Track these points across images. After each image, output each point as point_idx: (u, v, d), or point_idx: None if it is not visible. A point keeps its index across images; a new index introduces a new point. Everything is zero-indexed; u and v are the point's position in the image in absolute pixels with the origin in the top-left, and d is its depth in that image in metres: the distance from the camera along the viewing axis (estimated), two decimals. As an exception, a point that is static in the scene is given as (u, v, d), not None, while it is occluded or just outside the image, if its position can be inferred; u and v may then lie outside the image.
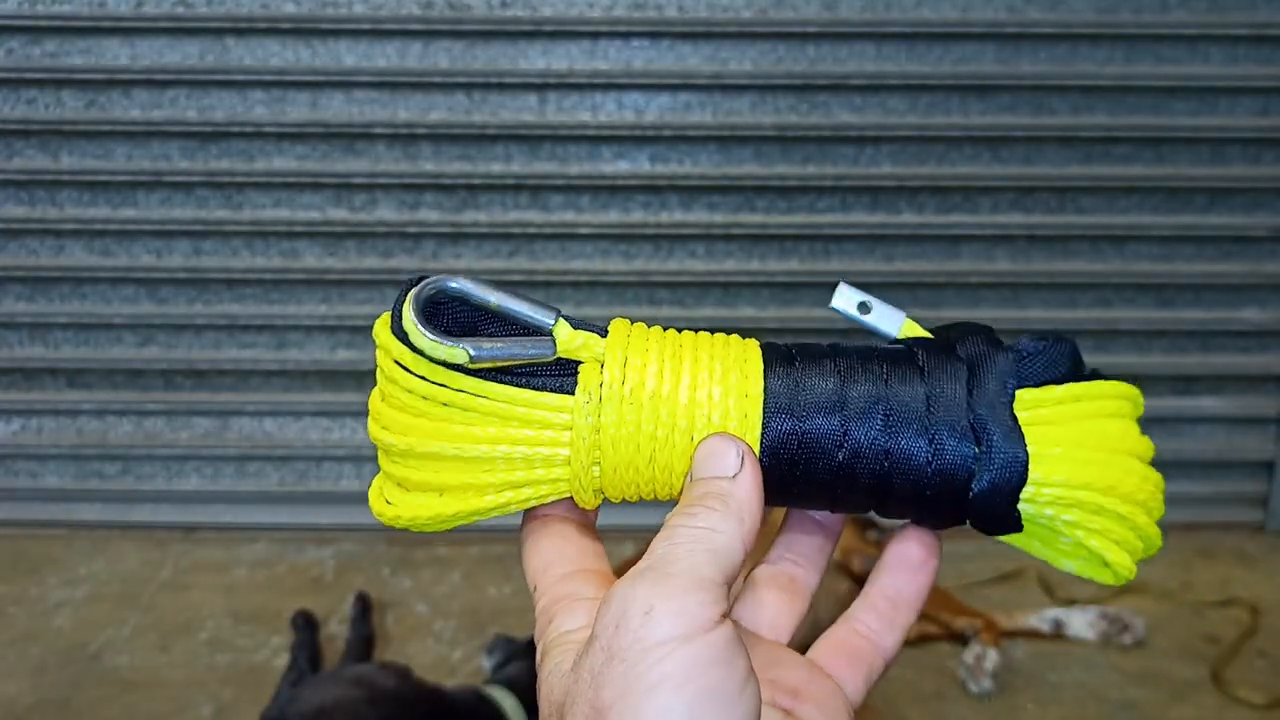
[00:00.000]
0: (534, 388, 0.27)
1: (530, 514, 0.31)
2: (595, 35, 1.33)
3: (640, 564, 0.25)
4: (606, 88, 1.35)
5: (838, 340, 0.30)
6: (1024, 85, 1.35)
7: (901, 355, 0.29)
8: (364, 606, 1.30)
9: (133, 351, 1.46)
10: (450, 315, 0.28)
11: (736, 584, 0.29)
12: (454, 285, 0.28)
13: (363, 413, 1.50)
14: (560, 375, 0.28)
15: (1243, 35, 1.33)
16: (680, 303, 1.44)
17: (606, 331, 0.28)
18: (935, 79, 1.35)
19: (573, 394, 0.27)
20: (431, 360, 0.27)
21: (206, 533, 1.50)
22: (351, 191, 1.40)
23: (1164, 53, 1.35)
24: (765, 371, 0.28)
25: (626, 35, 1.34)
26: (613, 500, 0.29)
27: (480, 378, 0.27)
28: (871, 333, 0.30)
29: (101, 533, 1.49)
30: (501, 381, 0.27)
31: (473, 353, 0.26)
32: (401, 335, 0.27)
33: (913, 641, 1.23)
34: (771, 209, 1.41)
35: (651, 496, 0.29)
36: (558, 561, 0.29)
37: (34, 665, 1.23)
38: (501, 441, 0.27)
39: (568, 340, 0.28)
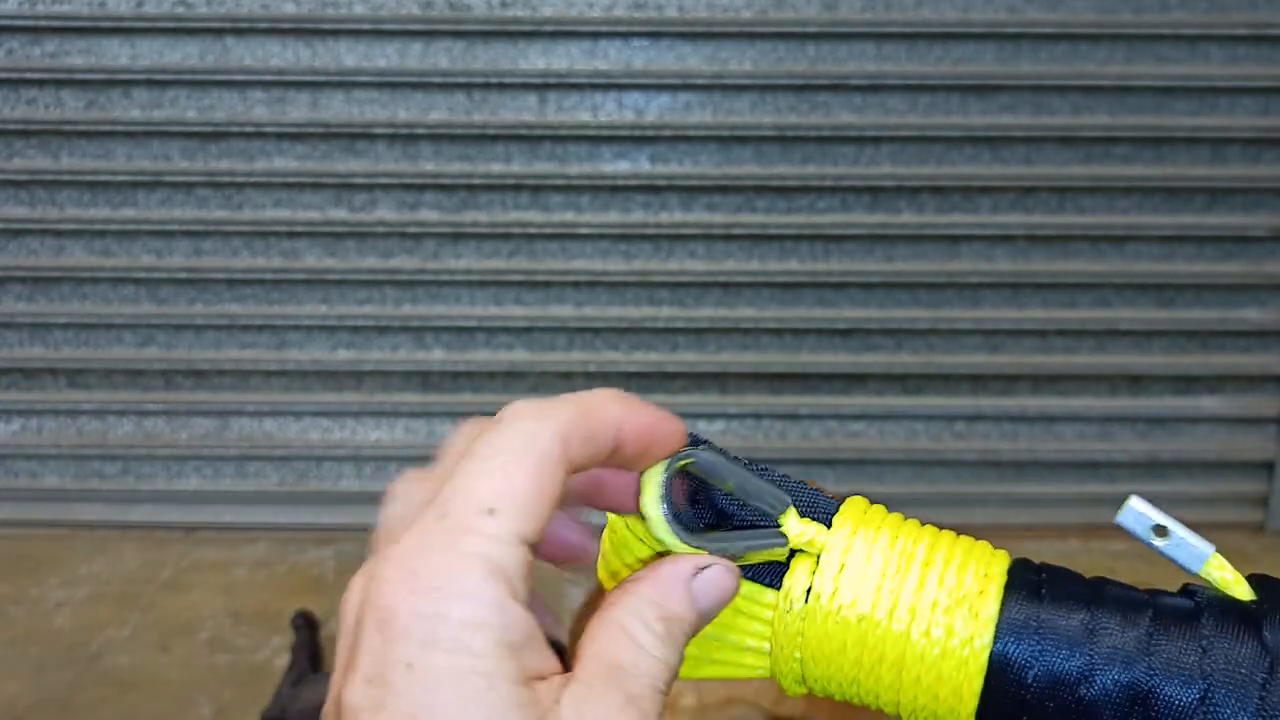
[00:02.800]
0: (745, 575, 0.26)
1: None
2: (595, 35, 1.33)
3: (619, 681, 0.22)
4: (607, 88, 1.35)
5: (1103, 576, 0.26)
6: (1024, 85, 1.35)
7: (1179, 614, 0.24)
8: (364, 606, 1.30)
9: (133, 351, 1.46)
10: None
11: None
12: (701, 458, 0.26)
13: (362, 413, 1.50)
14: (774, 564, 0.26)
15: (1243, 35, 1.33)
16: (680, 303, 1.44)
17: (831, 520, 0.26)
18: (935, 79, 1.35)
19: (778, 589, 0.25)
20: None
21: (207, 533, 1.50)
22: (351, 191, 1.40)
23: (1164, 52, 1.35)
24: (1005, 600, 0.24)
25: (626, 35, 1.34)
26: (818, 695, 0.27)
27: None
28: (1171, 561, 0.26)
29: (102, 533, 1.49)
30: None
31: (722, 552, 0.25)
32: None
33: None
34: (771, 209, 1.41)
35: (859, 703, 0.26)
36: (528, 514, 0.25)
37: (34, 665, 1.23)
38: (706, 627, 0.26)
39: (795, 536, 0.25)
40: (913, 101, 1.36)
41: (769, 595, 0.26)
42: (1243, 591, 0.25)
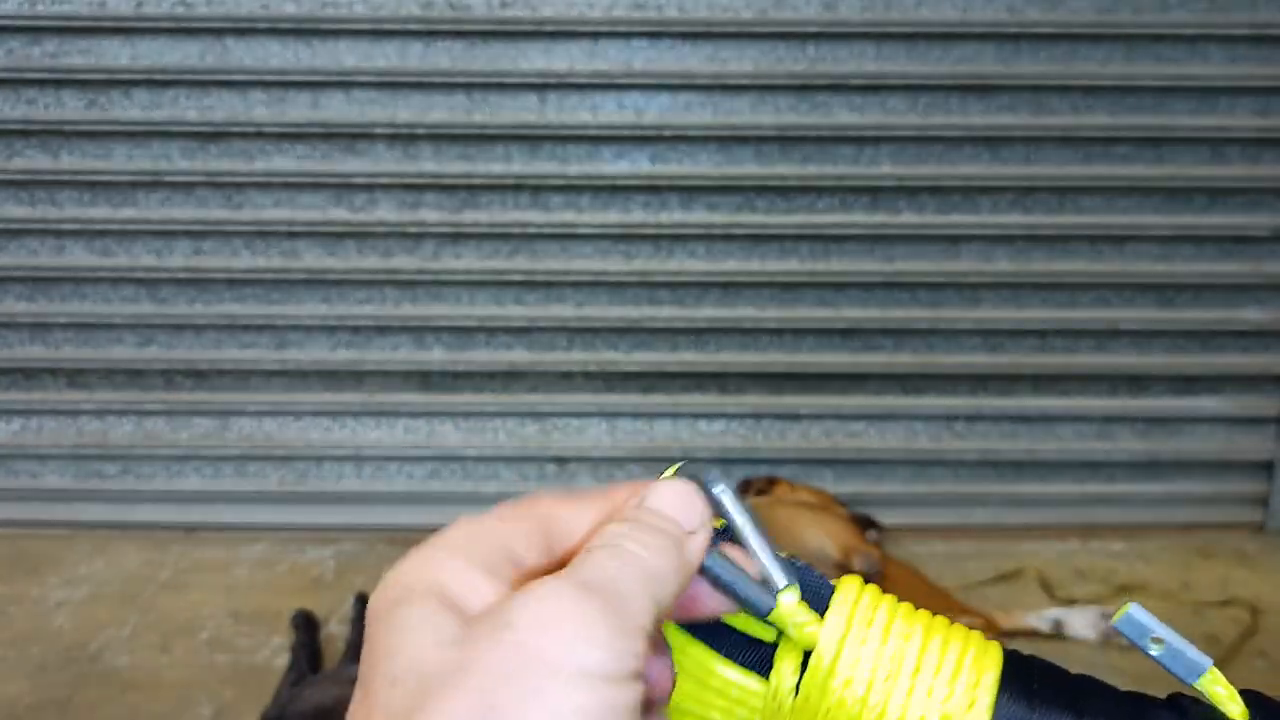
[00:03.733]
0: (731, 655, 0.26)
1: None
2: (595, 35, 1.34)
3: (580, 572, 0.22)
4: (607, 88, 1.35)
5: (1090, 675, 0.26)
6: (1024, 85, 1.35)
7: None
8: (364, 606, 1.30)
9: (133, 351, 1.46)
10: None
11: None
12: (707, 483, 0.25)
13: (362, 413, 1.50)
14: (763, 646, 0.25)
15: (1242, 35, 1.34)
16: (680, 303, 1.44)
17: (824, 609, 0.25)
18: (935, 79, 1.35)
19: (766, 675, 0.25)
20: None
21: (207, 533, 1.50)
22: (352, 191, 1.40)
23: (1164, 52, 1.35)
24: (997, 699, 0.24)
25: (627, 35, 1.34)
26: None
27: (686, 632, 0.26)
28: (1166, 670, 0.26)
29: (102, 533, 1.49)
30: (703, 639, 0.26)
31: (709, 570, 0.24)
32: None
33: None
34: (771, 209, 1.41)
35: None
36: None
37: (34, 665, 1.23)
38: (693, 702, 0.26)
39: (790, 613, 0.25)
40: (912, 101, 1.36)
41: (756, 684, 0.25)
42: (1236, 710, 0.24)
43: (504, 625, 0.20)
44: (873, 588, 0.26)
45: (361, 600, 1.32)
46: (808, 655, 0.25)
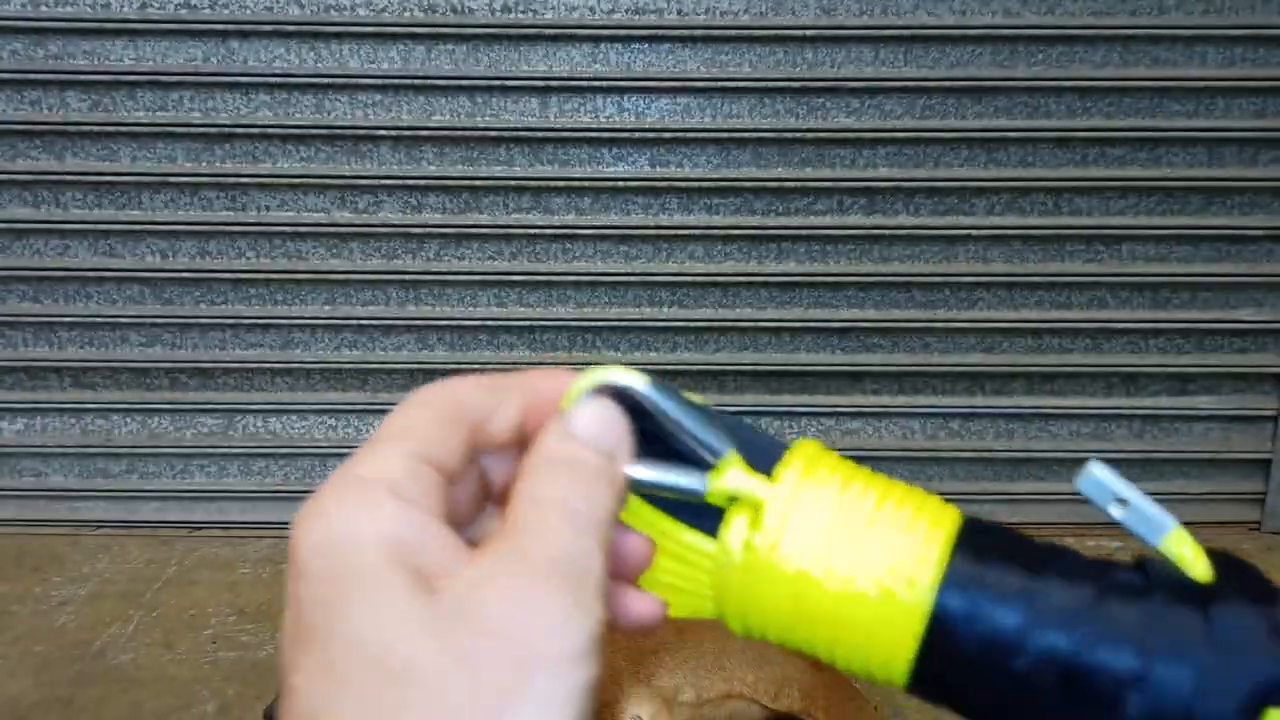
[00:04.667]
0: (684, 518, 0.26)
1: None
2: (596, 39, 1.35)
3: (536, 548, 0.21)
4: (607, 91, 1.37)
5: (1054, 543, 0.25)
6: (1020, 87, 1.36)
7: (1127, 589, 0.23)
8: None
9: (138, 351, 1.47)
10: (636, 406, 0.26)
11: None
12: (623, 386, 0.25)
13: (366, 411, 1.51)
14: (715, 512, 0.25)
15: (1239, 36, 1.34)
16: (680, 303, 1.45)
17: (775, 468, 0.25)
18: (932, 81, 1.36)
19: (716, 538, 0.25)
20: None
21: (211, 531, 1.51)
22: (356, 193, 1.41)
23: (1160, 54, 1.36)
24: (950, 554, 0.23)
25: (627, 39, 1.35)
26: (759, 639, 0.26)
27: (639, 495, 0.26)
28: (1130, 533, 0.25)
29: (106, 531, 1.50)
30: (657, 503, 0.26)
31: (631, 481, 0.24)
32: None
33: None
34: (770, 210, 1.42)
35: (796, 649, 0.25)
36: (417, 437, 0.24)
37: (39, 663, 1.24)
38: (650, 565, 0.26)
39: (729, 485, 0.24)
40: (910, 104, 1.37)
41: (709, 545, 0.25)
42: (1202, 569, 0.24)
43: (481, 615, 0.20)
44: (829, 453, 0.26)
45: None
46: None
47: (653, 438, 0.25)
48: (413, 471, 0.22)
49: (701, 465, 0.25)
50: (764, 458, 0.25)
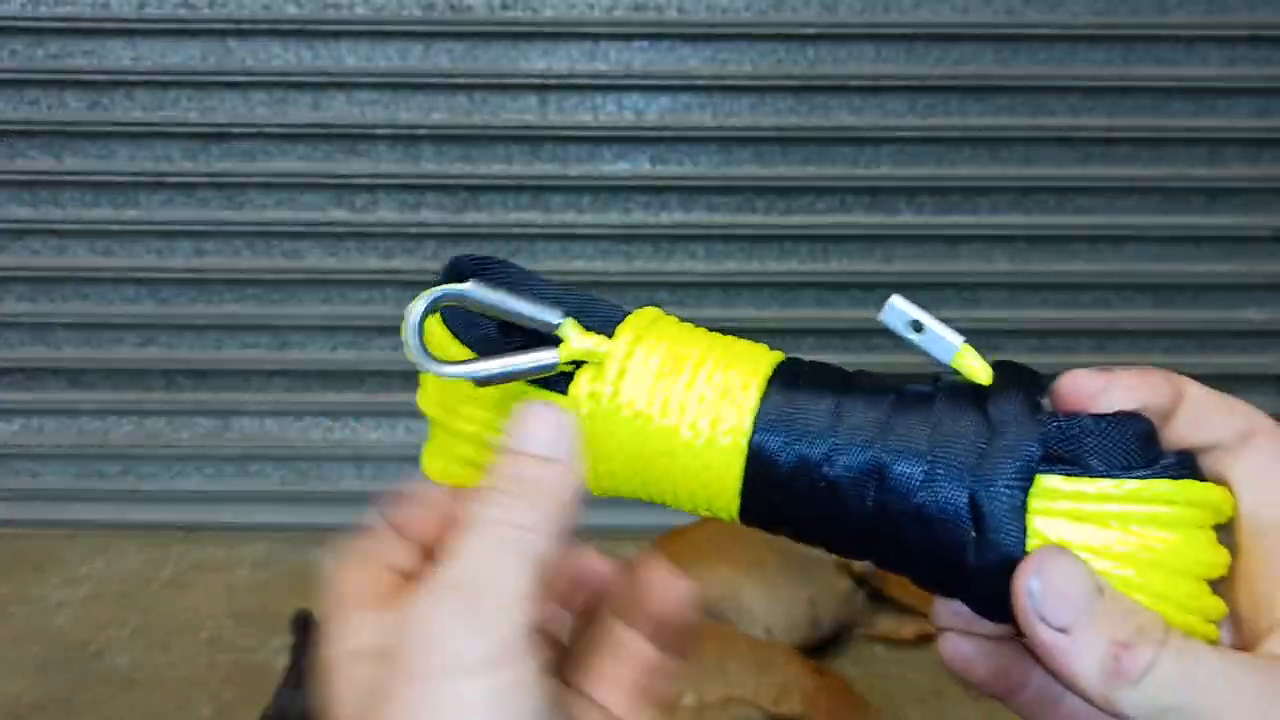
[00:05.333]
0: (535, 384, 0.27)
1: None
2: (596, 36, 1.34)
3: (440, 571, 0.23)
4: (607, 89, 1.36)
5: (864, 370, 0.28)
6: (1023, 86, 1.36)
7: (918, 398, 0.26)
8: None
9: (134, 351, 1.47)
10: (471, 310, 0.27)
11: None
12: (454, 291, 0.26)
13: (364, 412, 1.50)
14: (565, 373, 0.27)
15: (1241, 36, 1.34)
16: (681, 303, 1.44)
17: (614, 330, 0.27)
18: (934, 80, 1.35)
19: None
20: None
21: (207, 532, 1.50)
22: (353, 192, 1.40)
23: (1163, 53, 1.35)
24: (764, 394, 0.26)
25: (627, 37, 1.34)
26: (612, 495, 0.28)
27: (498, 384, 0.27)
28: (925, 355, 0.28)
29: (102, 532, 1.49)
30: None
31: (478, 379, 0.26)
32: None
33: (912, 641, 1.23)
34: (771, 209, 1.41)
35: (646, 499, 0.27)
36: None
37: (35, 665, 1.23)
38: (491, 429, 0.27)
39: (574, 349, 0.26)
40: (912, 102, 1.37)
41: (541, 398, 0.27)
42: (985, 377, 0.27)
43: (399, 642, 0.22)
44: (667, 316, 0.28)
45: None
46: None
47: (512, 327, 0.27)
48: (539, 601, 0.25)
49: (549, 341, 0.27)
50: (606, 323, 0.27)
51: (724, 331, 0.29)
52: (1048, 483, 0.24)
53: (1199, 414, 0.26)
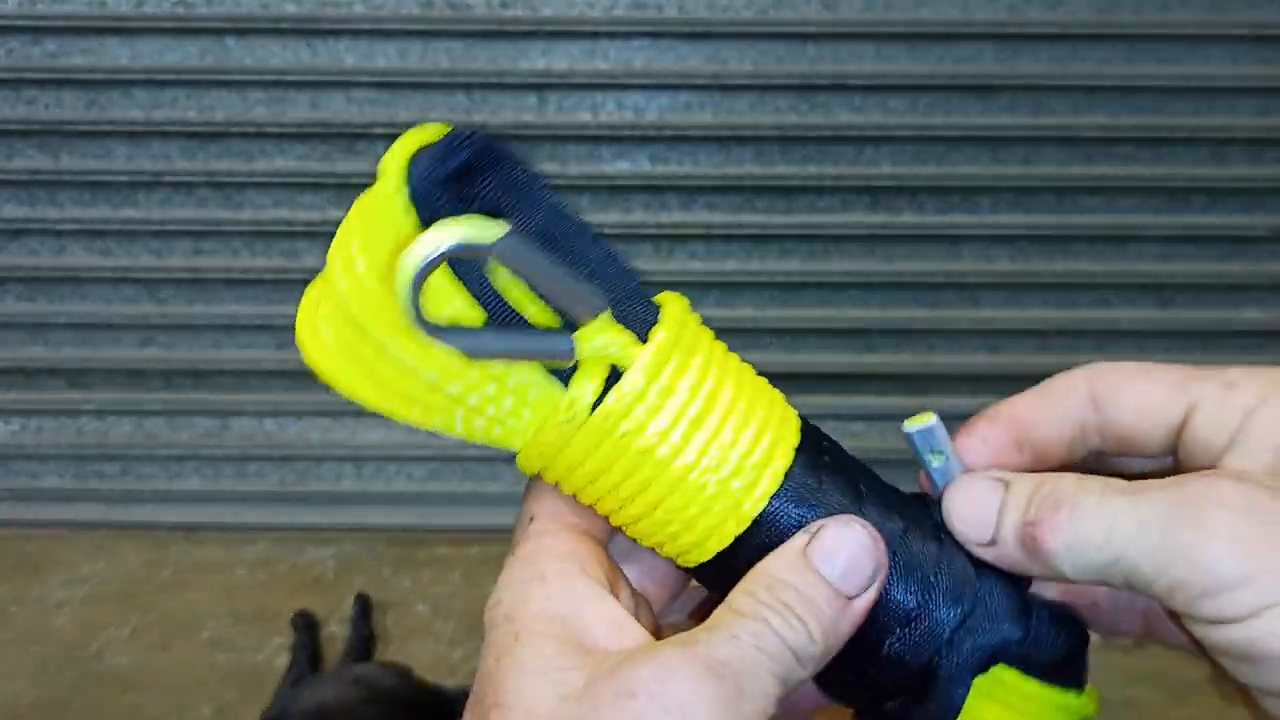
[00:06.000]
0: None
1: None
2: (595, 35, 1.33)
3: (701, 646, 0.21)
4: (606, 88, 1.35)
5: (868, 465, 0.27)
6: (1024, 85, 1.35)
7: (925, 526, 0.26)
8: (364, 607, 1.31)
9: (133, 351, 1.46)
10: (484, 186, 0.22)
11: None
12: (477, 244, 0.20)
13: (362, 413, 1.50)
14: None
15: (1243, 35, 1.33)
16: (680, 303, 1.44)
17: (647, 333, 0.23)
18: (935, 79, 1.35)
19: (564, 386, 0.23)
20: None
21: (207, 533, 1.50)
22: (351, 191, 1.38)
23: (1164, 53, 1.35)
24: (792, 462, 0.24)
25: (627, 35, 1.34)
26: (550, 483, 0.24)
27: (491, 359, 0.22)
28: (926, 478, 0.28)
29: (102, 533, 1.49)
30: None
31: (474, 351, 0.21)
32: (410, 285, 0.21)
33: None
34: (772, 209, 1.41)
35: (613, 522, 0.24)
36: (569, 512, 0.25)
37: (35, 665, 1.23)
38: (459, 380, 0.22)
39: (596, 347, 0.22)
40: (913, 101, 1.36)
41: (552, 390, 0.23)
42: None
43: (627, 694, 0.20)
44: (693, 320, 0.25)
45: (362, 600, 1.32)
46: (615, 378, 0.23)
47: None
48: (573, 548, 0.24)
49: (566, 320, 0.23)
50: (630, 312, 0.24)
51: (724, 331, 0.27)
52: (1004, 674, 0.25)
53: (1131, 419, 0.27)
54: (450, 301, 0.22)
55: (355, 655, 1.21)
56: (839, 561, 0.23)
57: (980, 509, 0.25)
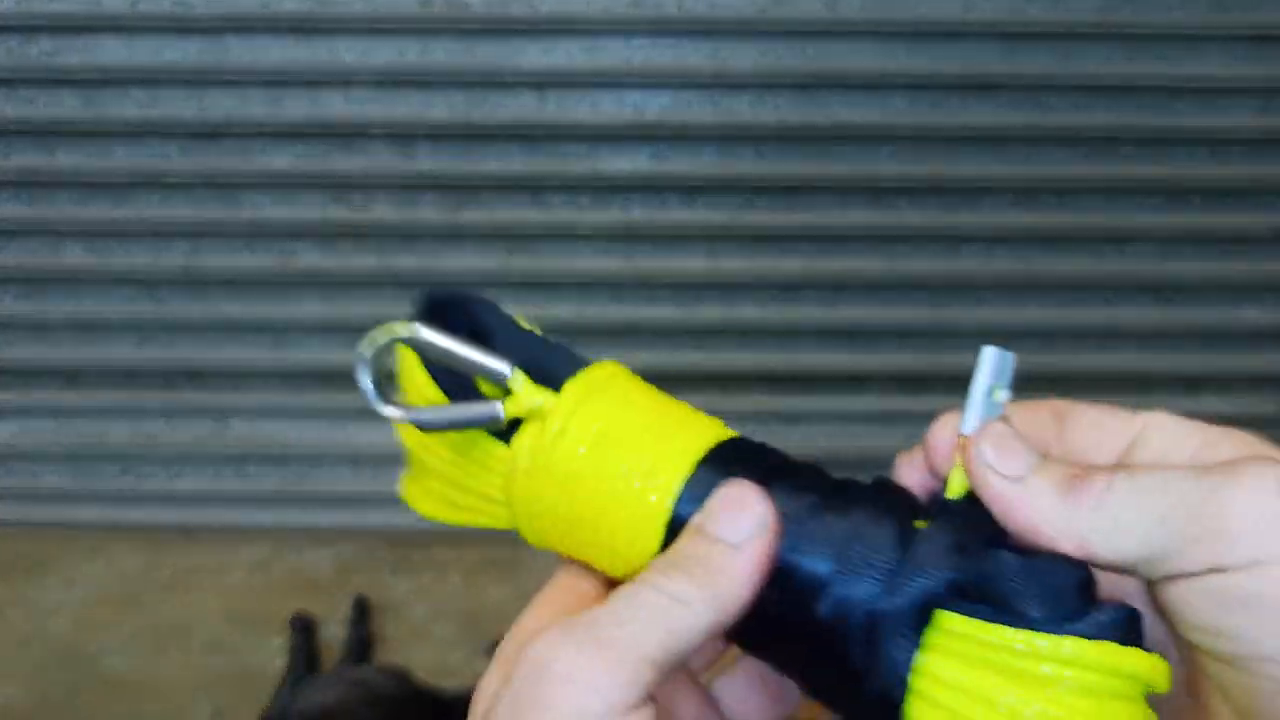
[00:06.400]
0: (497, 432, 0.28)
1: None
2: (595, 33, 1.33)
3: (581, 615, 0.23)
4: (606, 86, 1.35)
5: (815, 465, 0.27)
6: (1025, 84, 1.35)
7: (844, 498, 0.25)
8: (363, 609, 1.30)
9: (131, 352, 1.46)
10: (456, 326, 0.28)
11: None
12: (403, 335, 0.27)
13: (362, 413, 1.49)
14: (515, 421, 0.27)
15: (1245, 35, 1.33)
16: (680, 303, 1.43)
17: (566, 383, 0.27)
18: (936, 78, 1.34)
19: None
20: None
21: (205, 534, 1.49)
22: (349, 190, 1.39)
23: (1166, 52, 1.34)
24: (698, 464, 0.25)
25: (626, 33, 1.33)
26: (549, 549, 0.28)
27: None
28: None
29: (100, 534, 1.48)
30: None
31: (419, 423, 0.27)
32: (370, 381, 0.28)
33: None
34: (772, 208, 1.40)
35: (581, 559, 0.27)
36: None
37: (32, 667, 1.22)
38: (454, 470, 0.28)
39: (521, 404, 0.26)
40: (914, 100, 1.36)
41: (489, 447, 0.27)
42: (954, 490, 0.26)
43: (516, 670, 0.22)
44: (622, 372, 0.28)
45: (360, 602, 1.31)
46: None
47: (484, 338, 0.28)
48: (666, 671, 0.24)
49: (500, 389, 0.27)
50: (562, 377, 0.27)
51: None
52: (948, 622, 0.22)
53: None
54: (423, 392, 0.29)
55: (353, 657, 1.21)
56: (715, 511, 0.24)
57: (1019, 450, 0.24)
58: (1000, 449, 0.24)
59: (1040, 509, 0.23)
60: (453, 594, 1.37)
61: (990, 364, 0.26)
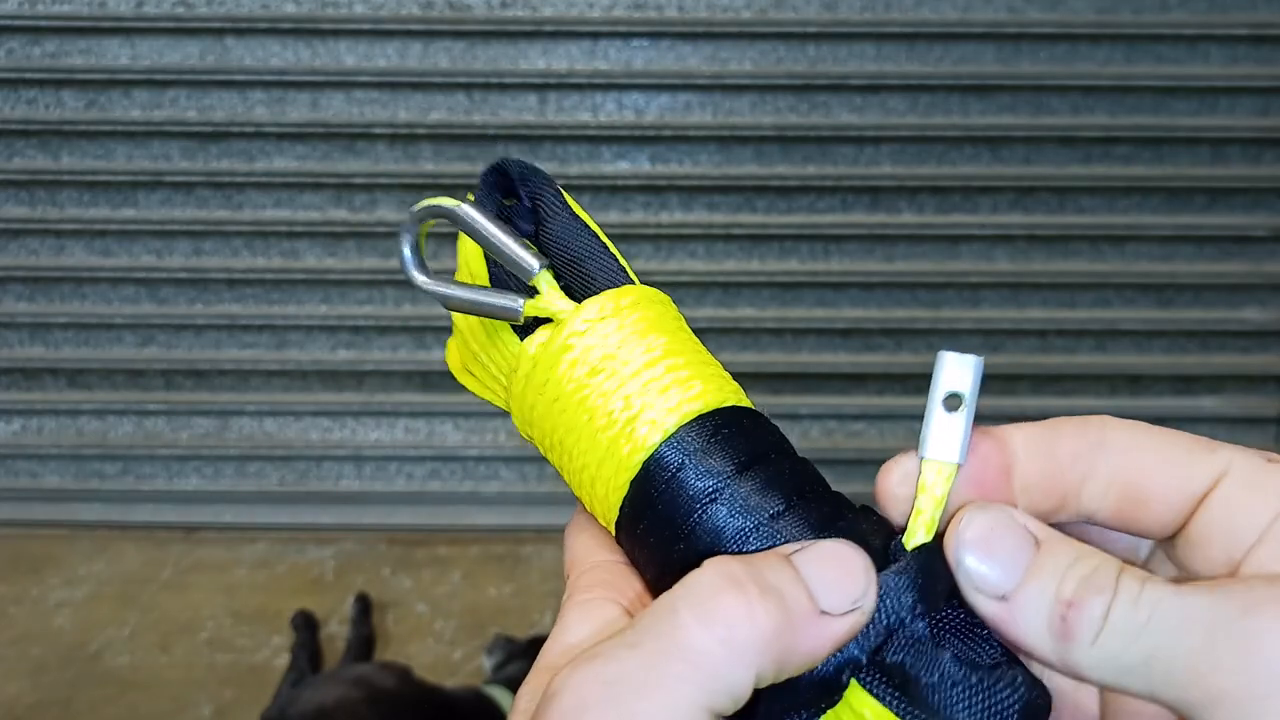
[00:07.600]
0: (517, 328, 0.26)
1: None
2: (595, 35, 1.33)
3: (628, 633, 0.20)
4: (607, 88, 1.35)
5: (807, 461, 0.25)
6: (1024, 85, 1.35)
7: (811, 515, 0.23)
8: (364, 606, 1.31)
9: (133, 351, 1.46)
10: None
11: None
12: (445, 209, 0.26)
13: (362, 413, 1.50)
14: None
15: (1243, 35, 1.33)
16: (680, 303, 1.42)
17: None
18: (935, 79, 1.35)
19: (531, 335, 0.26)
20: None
21: (207, 533, 1.50)
22: (352, 191, 1.40)
23: (1164, 53, 1.35)
24: (696, 417, 0.24)
25: (627, 35, 1.34)
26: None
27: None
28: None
29: (102, 533, 1.49)
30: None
31: (444, 299, 0.26)
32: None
33: None
34: (771, 209, 1.41)
35: (558, 469, 0.26)
36: (598, 549, 0.25)
37: (34, 665, 1.23)
38: (480, 344, 0.27)
39: (539, 305, 0.25)
40: (913, 101, 1.36)
41: (515, 346, 0.26)
42: (920, 535, 0.23)
43: (554, 688, 0.20)
44: (658, 302, 0.27)
45: (362, 600, 1.32)
46: None
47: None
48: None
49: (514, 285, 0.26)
50: (595, 283, 0.26)
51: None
52: (859, 702, 0.20)
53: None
54: (471, 268, 0.28)
55: (355, 655, 1.21)
56: (818, 572, 0.21)
57: (1005, 556, 0.21)
58: (983, 554, 0.21)
59: (1030, 632, 0.20)
60: (454, 591, 1.38)
61: (950, 371, 0.23)
